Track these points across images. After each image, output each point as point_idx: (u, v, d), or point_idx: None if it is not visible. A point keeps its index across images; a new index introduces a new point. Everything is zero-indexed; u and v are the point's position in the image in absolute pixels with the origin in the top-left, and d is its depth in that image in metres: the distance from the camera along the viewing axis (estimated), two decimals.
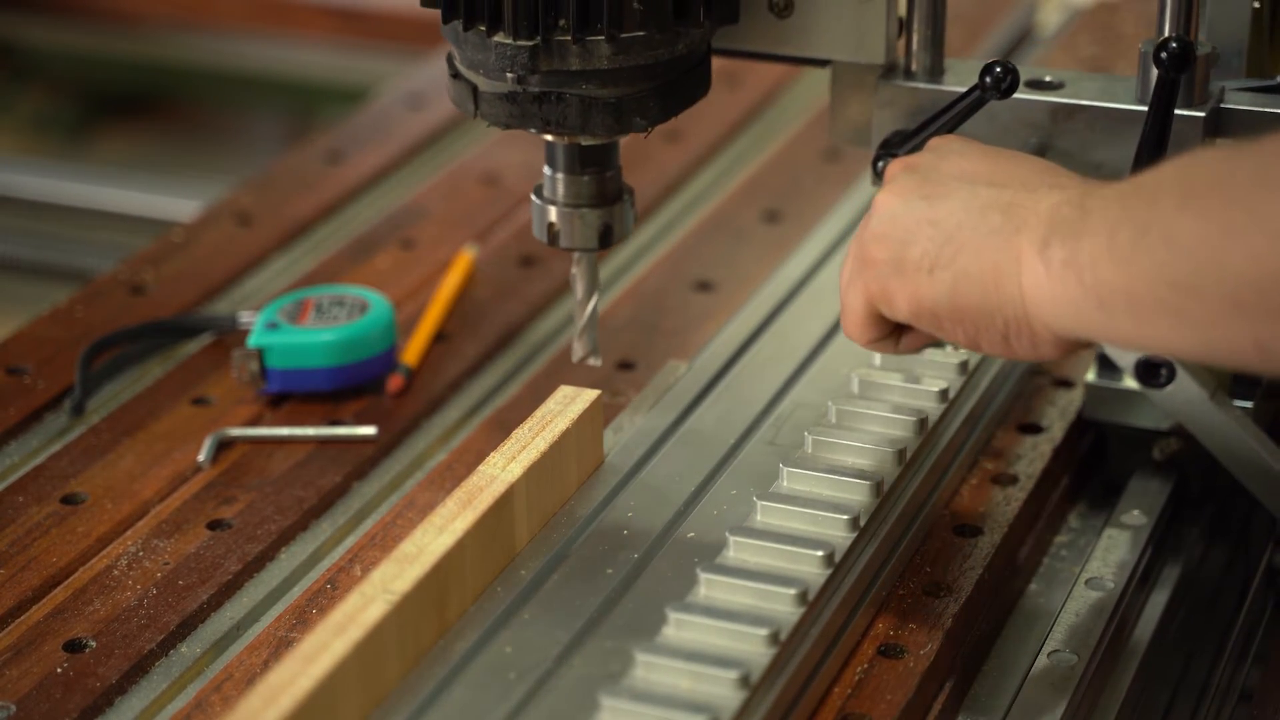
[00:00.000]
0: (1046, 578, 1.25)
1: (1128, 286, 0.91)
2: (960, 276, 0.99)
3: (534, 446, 1.13)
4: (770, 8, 1.21)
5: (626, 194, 1.23)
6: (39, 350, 1.43)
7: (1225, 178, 0.89)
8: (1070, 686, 1.12)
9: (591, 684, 1.01)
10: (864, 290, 1.04)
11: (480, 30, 1.11)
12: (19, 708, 1.08)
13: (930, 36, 1.22)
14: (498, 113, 1.14)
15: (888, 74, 1.22)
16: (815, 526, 1.11)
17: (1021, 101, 1.19)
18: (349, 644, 0.97)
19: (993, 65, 1.14)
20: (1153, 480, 1.28)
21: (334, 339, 1.36)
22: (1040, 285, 0.96)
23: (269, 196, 1.68)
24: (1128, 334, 0.94)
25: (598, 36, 1.11)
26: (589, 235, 1.22)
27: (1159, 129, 1.13)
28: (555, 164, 1.21)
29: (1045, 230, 0.96)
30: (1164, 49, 1.11)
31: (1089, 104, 1.19)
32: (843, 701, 1.07)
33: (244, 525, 1.24)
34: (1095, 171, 1.17)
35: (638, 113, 1.14)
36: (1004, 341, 1.00)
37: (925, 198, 1.02)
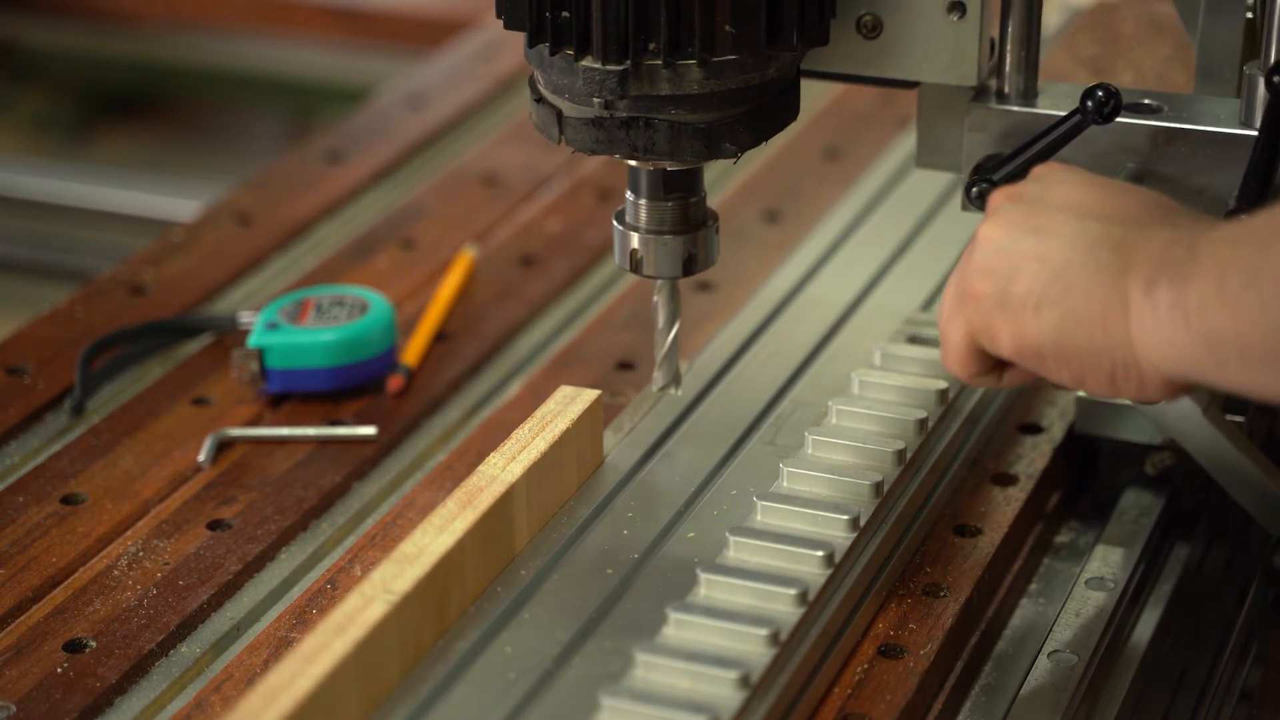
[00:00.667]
0: (1046, 578, 1.25)
1: (1238, 332, 0.89)
2: (1067, 316, 0.97)
3: (534, 446, 1.13)
4: (859, 28, 1.18)
5: (711, 220, 1.18)
6: (39, 350, 1.43)
7: None
8: (1070, 686, 1.12)
9: (591, 684, 1.01)
10: (966, 325, 1.02)
11: (568, 54, 1.09)
12: (19, 708, 1.08)
13: (1024, 58, 1.20)
14: (584, 138, 1.11)
15: (979, 96, 1.20)
16: (815, 526, 1.11)
17: (1122, 125, 1.16)
18: (349, 644, 0.97)
19: (1095, 89, 1.11)
20: (1145, 495, 1.27)
21: (334, 339, 1.36)
22: (1148, 328, 0.93)
23: (269, 196, 1.68)
24: (1240, 380, 0.92)
25: (689, 61, 1.08)
26: (673, 263, 1.18)
27: (1269, 154, 1.11)
28: (639, 189, 1.16)
29: (1153, 270, 0.93)
30: (1277, 72, 1.09)
31: (1191, 128, 1.16)
32: (843, 701, 1.07)
33: (244, 525, 1.24)
34: (1198, 197, 1.15)
35: (728, 138, 1.11)
36: (1110, 383, 0.97)
37: (1032, 231, 0.99)
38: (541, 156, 1.71)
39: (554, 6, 1.08)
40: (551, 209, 1.65)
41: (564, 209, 1.65)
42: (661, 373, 1.22)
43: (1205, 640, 1.25)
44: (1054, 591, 1.23)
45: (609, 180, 1.69)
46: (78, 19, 2.92)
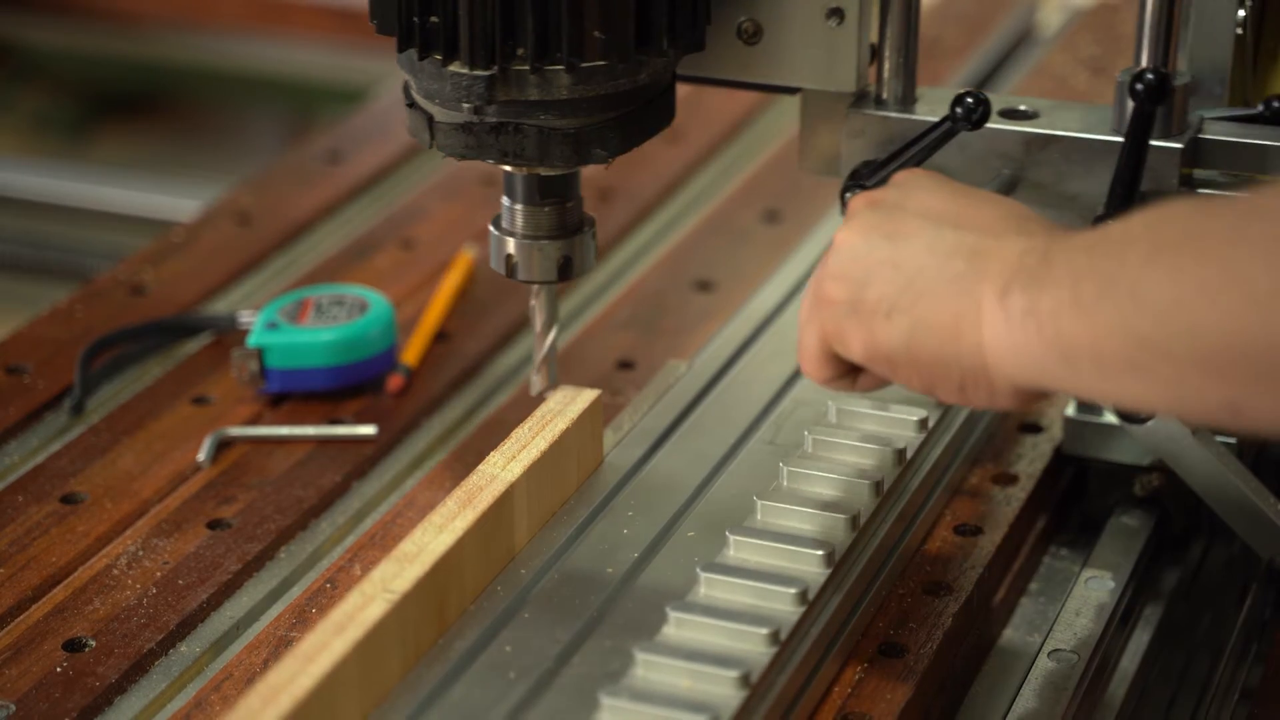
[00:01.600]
0: (1047, 577, 1.25)
1: (1092, 340, 0.88)
2: (918, 323, 0.96)
3: (534, 446, 1.13)
4: (738, 34, 1.17)
5: (588, 225, 1.18)
6: (39, 350, 1.43)
7: (1198, 233, 0.85)
8: (1070, 685, 1.12)
9: (591, 683, 1.01)
10: (820, 329, 1.01)
11: (436, 59, 1.08)
12: (19, 707, 1.08)
13: (902, 64, 1.19)
14: (454, 143, 1.11)
15: (858, 102, 1.19)
16: (815, 526, 1.11)
17: (994, 131, 1.16)
18: (349, 643, 0.97)
19: (964, 95, 1.11)
20: (1133, 517, 1.26)
21: (334, 339, 1.36)
22: (1000, 336, 0.93)
23: (269, 196, 1.68)
24: (1093, 389, 0.91)
25: (557, 66, 1.07)
26: (548, 268, 1.18)
27: (1134, 162, 1.11)
28: (514, 195, 1.17)
29: (1007, 278, 0.93)
30: (1140, 80, 1.09)
31: (1063, 134, 1.16)
32: (843, 701, 1.07)
33: (244, 525, 1.24)
34: (1070, 203, 1.15)
35: (598, 144, 1.11)
36: (960, 391, 0.96)
37: (888, 237, 0.99)
38: None
39: (422, 11, 1.08)
40: None
41: None
42: (540, 376, 1.22)
43: (1206, 639, 1.25)
44: (1054, 590, 1.23)
45: (609, 180, 1.69)
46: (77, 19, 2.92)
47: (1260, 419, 0.85)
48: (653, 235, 1.64)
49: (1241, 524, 1.19)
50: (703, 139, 1.76)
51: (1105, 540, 1.24)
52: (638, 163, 1.71)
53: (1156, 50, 1.14)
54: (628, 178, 1.70)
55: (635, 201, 1.67)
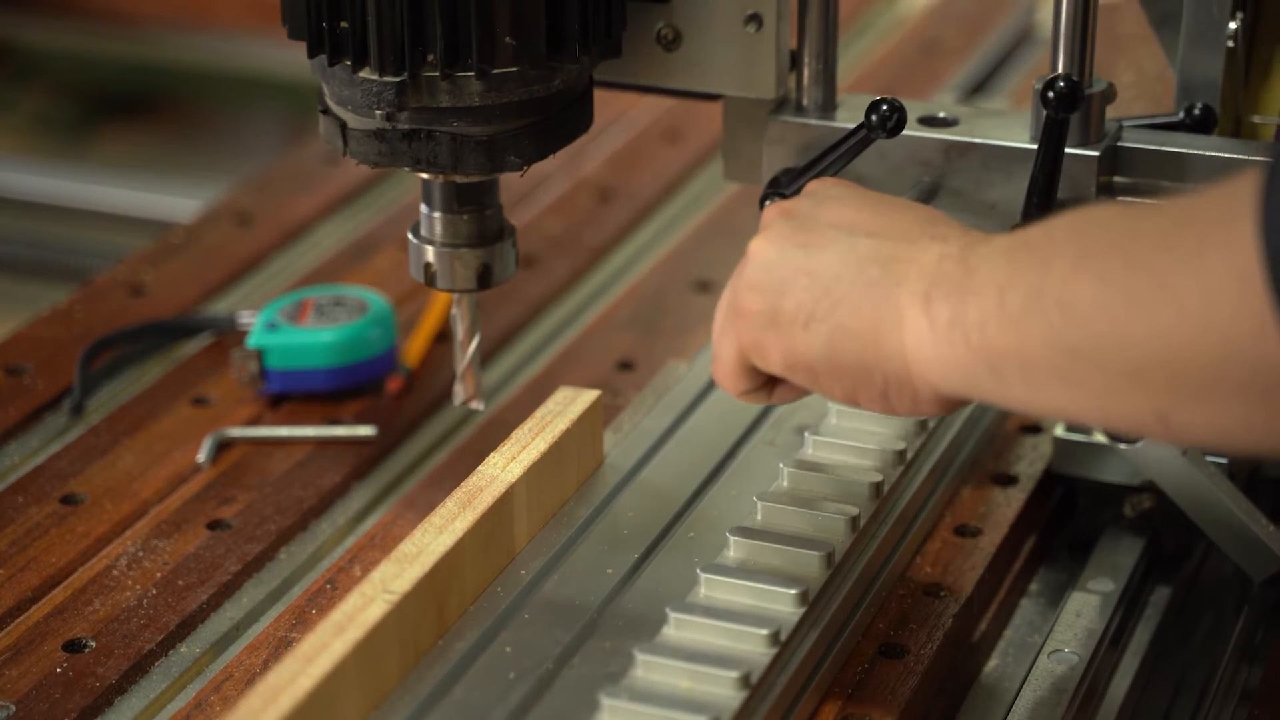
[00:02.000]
0: (1047, 578, 1.24)
1: (1020, 351, 0.87)
2: (837, 331, 0.95)
3: (534, 447, 1.13)
4: (657, 40, 1.16)
5: (508, 233, 1.17)
6: (38, 350, 1.43)
7: (1125, 240, 0.84)
8: (1070, 686, 1.12)
9: (591, 684, 1.01)
10: (736, 341, 1.00)
11: (346, 65, 1.07)
12: (19, 707, 1.08)
13: (821, 70, 1.18)
14: (367, 150, 1.10)
15: (779, 109, 1.18)
16: (815, 526, 1.11)
17: (913, 139, 1.15)
18: (349, 644, 0.97)
19: (879, 103, 1.10)
20: (1123, 540, 1.24)
21: (334, 339, 1.36)
22: (924, 344, 0.92)
23: (269, 196, 1.68)
24: (1020, 399, 0.90)
25: (468, 72, 1.06)
26: (468, 276, 1.17)
27: (1049, 170, 1.10)
28: (431, 202, 1.16)
29: (927, 286, 0.92)
30: (1050, 88, 1.08)
31: (981, 142, 1.15)
32: (843, 701, 1.07)
33: (243, 525, 1.24)
34: (990, 211, 1.14)
35: (512, 151, 1.10)
36: (883, 398, 0.96)
37: (801, 246, 0.98)
38: None
39: (331, 16, 1.07)
40: (551, 209, 1.65)
41: (563, 209, 1.65)
42: (462, 387, 1.21)
43: (1206, 640, 1.25)
44: (1054, 592, 1.23)
45: (609, 180, 1.69)
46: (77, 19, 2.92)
47: (1189, 430, 0.84)
48: (653, 235, 1.64)
49: (1232, 546, 1.18)
50: (703, 139, 1.76)
51: (1095, 559, 1.23)
52: (638, 163, 1.72)
53: (1072, 57, 1.12)
54: (628, 178, 1.70)
55: (635, 201, 1.67)
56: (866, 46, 1.97)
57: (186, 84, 3.02)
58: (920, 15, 2.02)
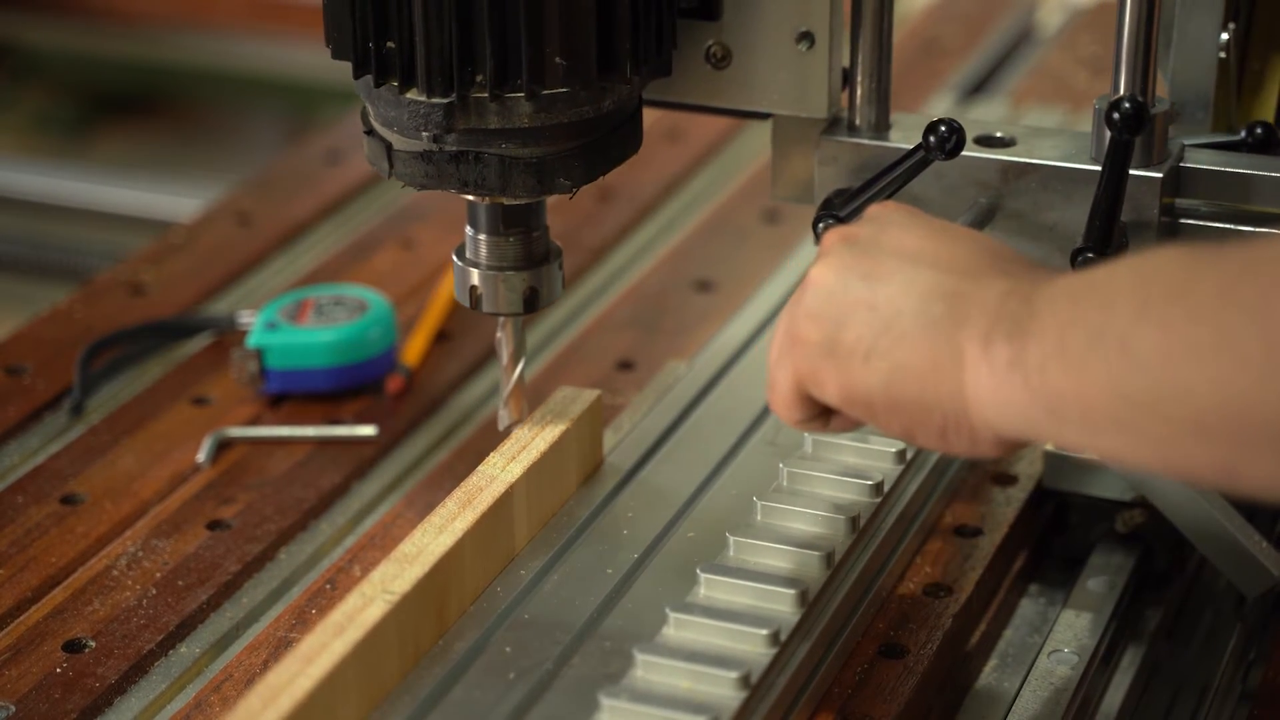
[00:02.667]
0: (1047, 577, 1.24)
1: (1079, 394, 0.85)
2: (897, 368, 0.93)
3: (534, 447, 1.13)
4: (707, 58, 1.15)
5: (554, 255, 1.16)
6: (38, 350, 1.43)
7: (1187, 289, 0.82)
8: (1070, 686, 1.12)
9: (591, 684, 1.01)
10: (794, 370, 0.98)
11: (393, 86, 1.05)
12: (18, 708, 1.08)
13: (875, 89, 1.16)
14: (413, 173, 1.08)
15: (830, 129, 1.17)
16: (816, 526, 1.11)
17: (970, 160, 1.13)
18: (348, 644, 0.97)
19: (937, 124, 1.08)
20: (1115, 554, 1.23)
21: (334, 339, 1.36)
22: (983, 384, 0.90)
23: (269, 196, 1.68)
24: (1078, 442, 0.88)
25: (517, 94, 1.04)
26: (514, 300, 1.15)
27: (1112, 192, 1.08)
28: (477, 224, 1.14)
29: (989, 324, 0.90)
30: (1117, 109, 1.06)
31: (1041, 163, 1.13)
32: (843, 701, 1.07)
33: (243, 525, 1.24)
34: (1049, 233, 1.13)
35: (561, 173, 1.08)
36: (941, 437, 0.94)
37: (864, 277, 0.96)
38: None
39: (378, 36, 1.05)
40: (551, 209, 1.64)
41: (563, 209, 1.64)
42: (508, 411, 1.20)
43: (1208, 640, 1.25)
44: (1055, 591, 1.23)
45: (610, 180, 1.69)
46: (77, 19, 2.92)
47: (1258, 482, 0.83)
48: (653, 235, 1.64)
49: (1225, 561, 1.17)
50: (703, 139, 1.76)
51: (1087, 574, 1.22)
52: (638, 163, 1.71)
53: (1135, 77, 1.11)
54: (628, 178, 1.69)
55: (635, 201, 1.67)
56: None
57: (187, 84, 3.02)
58: (920, 14, 2.02)
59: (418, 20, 1.03)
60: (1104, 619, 1.18)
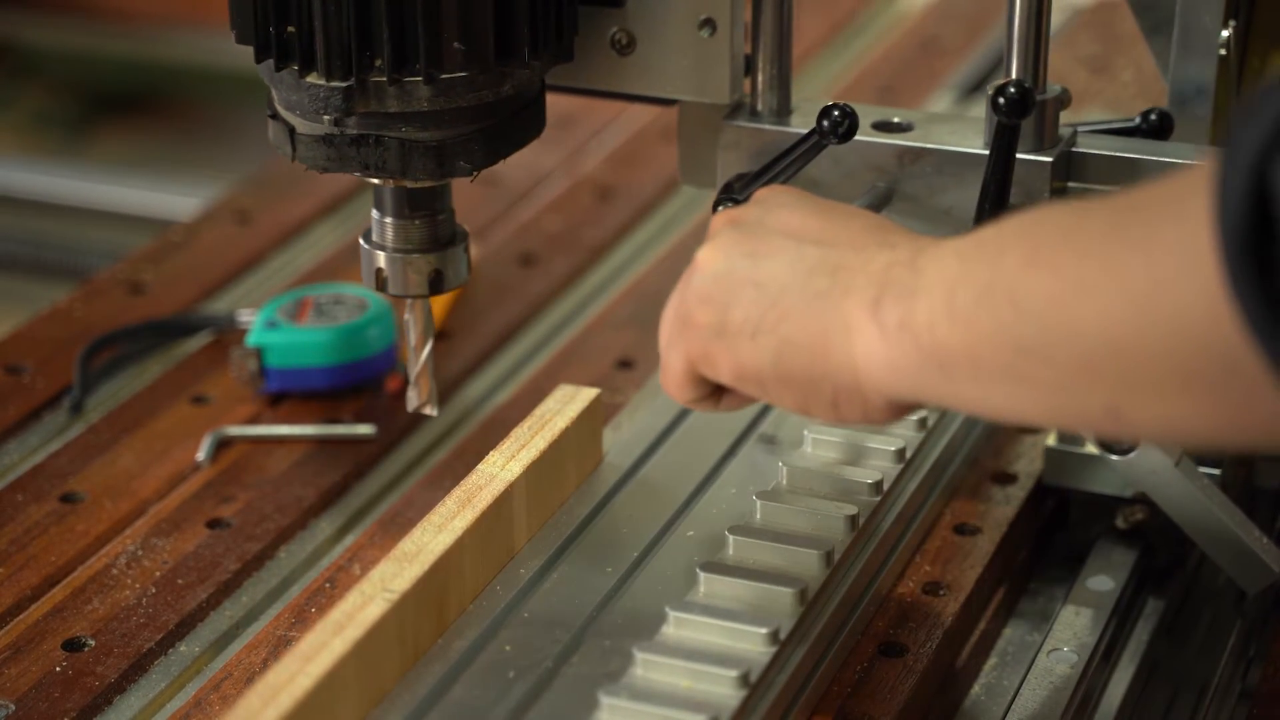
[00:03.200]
0: (1047, 576, 1.24)
1: (969, 349, 0.85)
2: (784, 342, 0.94)
3: (533, 445, 1.13)
4: (611, 44, 1.16)
5: (460, 238, 1.16)
6: (38, 349, 1.43)
7: (1075, 230, 0.82)
8: (1070, 685, 1.12)
9: (591, 683, 1.01)
10: (685, 352, 0.99)
11: (294, 70, 1.06)
12: (18, 706, 1.08)
13: (776, 75, 1.17)
14: (315, 155, 1.09)
15: (733, 114, 1.17)
16: (815, 525, 1.11)
17: (867, 144, 1.14)
18: (348, 643, 0.97)
19: (830, 108, 1.09)
20: (1116, 551, 1.24)
21: (333, 338, 1.35)
22: (874, 350, 0.90)
23: (268, 195, 1.68)
24: (971, 399, 0.88)
25: (416, 78, 1.05)
26: (420, 282, 1.16)
27: (1000, 175, 1.09)
28: (383, 208, 1.15)
29: (877, 291, 0.90)
30: (1001, 94, 1.07)
31: (935, 147, 1.14)
32: (842, 700, 1.07)
33: (243, 524, 1.24)
34: (944, 217, 1.14)
35: (462, 156, 1.09)
36: (833, 408, 0.94)
37: (749, 255, 0.97)
38: (540, 155, 1.71)
39: (278, 21, 1.06)
40: (550, 207, 1.65)
41: (563, 207, 1.65)
42: (415, 392, 1.20)
43: (1206, 639, 1.25)
44: (1054, 589, 1.23)
45: (608, 179, 1.69)
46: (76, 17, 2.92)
47: (1141, 423, 0.83)
48: (652, 234, 1.64)
49: (1225, 558, 1.17)
50: None
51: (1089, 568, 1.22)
52: (638, 163, 1.72)
53: (1025, 62, 1.11)
54: (628, 177, 1.70)
55: (635, 200, 1.67)
56: (865, 45, 1.97)
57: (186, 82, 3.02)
58: (919, 14, 2.02)
59: (316, 5, 1.04)
60: (1104, 616, 1.18)
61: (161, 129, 3.10)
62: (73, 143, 3.00)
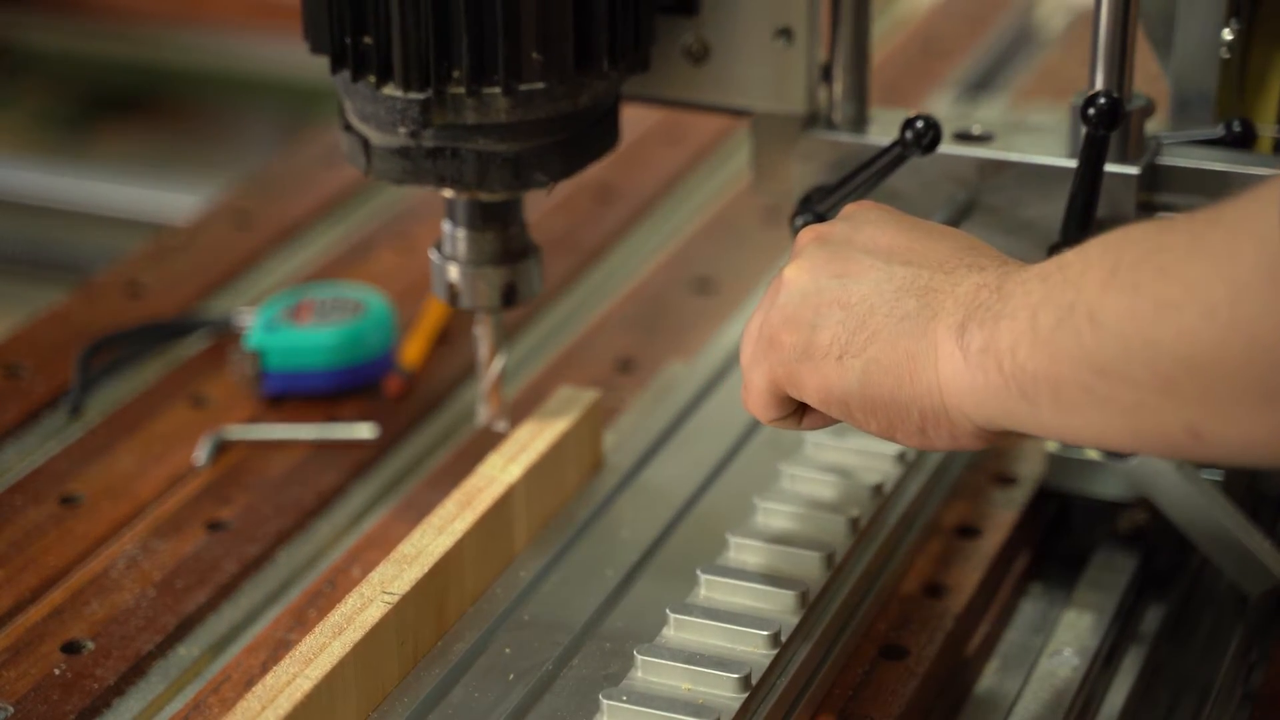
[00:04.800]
0: (1049, 578, 1.24)
1: (1050, 372, 0.85)
2: (871, 365, 0.93)
3: (533, 447, 1.13)
4: (686, 54, 1.15)
5: (533, 251, 1.16)
6: (36, 350, 1.43)
7: (1156, 249, 0.81)
8: (1072, 688, 1.12)
9: (591, 685, 1.01)
10: (769, 372, 0.98)
11: (370, 81, 1.06)
12: (16, 709, 1.08)
13: (854, 85, 1.16)
14: (391, 169, 1.09)
15: (809, 125, 1.16)
16: (816, 527, 1.11)
17: (947, 156, 1.13)
18: (347, 645, 0.97)
19: (914, 120, 1.08)
20: (1117, 554, 1.23)
21: (333, 340, 1.36)
22: (958, 374, 0.89)
23: (268, 196, 1.68)
24: (1053, 425, 0.87)
25: (494, 89, 1.05)
26: (491, 295, 1.16)
27: (1088, 187, 1.08)
28: (455, 219, 1.14)
29: (963, 315, 0.90)
30: (1092, 104, 1.06)
31: (1017, 159, 1.13)
32: (844, 703, 1.07)
33: (242, 526, 1.24)
34: (1027, 229, 1.13)
35: (538, 168, 1.08)
36: (920, 434, 0.93)
37: (837, 276, 0.95)
38: None
39: (355, 31, 1.05)
40: (552, 209, 1.65)
41: (564, 210, 1.65)
42: (485, 408, 1.20)
43: (1209, 642, 1.25)
44: (1056, 592, 1.23)
45: (609, 180, 1.69)
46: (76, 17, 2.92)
47: (1221, 445, 0.82)
48: (652, 236, 1.64)
49: (1227, 562, 1.17)
50: (701, 140, 1.76)
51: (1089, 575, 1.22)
52: (638, 163, 1.72)
53: (1111, 73, 1.10)
54: (628, 178, 1.70)
55: (635, 201, 1.67)
56: None
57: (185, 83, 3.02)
58: (922, 15, 2.02)
59: (394, 15, 1.04)
60: (1106, 619, 1.18)
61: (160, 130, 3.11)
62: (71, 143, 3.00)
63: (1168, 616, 1.23)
